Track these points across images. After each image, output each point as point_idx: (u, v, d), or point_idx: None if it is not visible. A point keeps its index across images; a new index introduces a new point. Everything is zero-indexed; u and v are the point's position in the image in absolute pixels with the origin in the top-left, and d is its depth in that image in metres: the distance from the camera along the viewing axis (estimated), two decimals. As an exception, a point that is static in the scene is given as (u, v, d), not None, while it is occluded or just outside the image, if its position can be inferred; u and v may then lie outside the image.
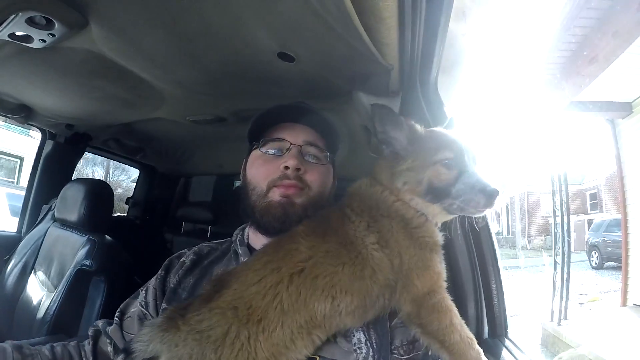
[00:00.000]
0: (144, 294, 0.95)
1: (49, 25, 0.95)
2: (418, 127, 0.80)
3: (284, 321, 0.68)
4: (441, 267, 0.76)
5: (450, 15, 0.84)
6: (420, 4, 0.76)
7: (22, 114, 1.68)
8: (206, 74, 1.18)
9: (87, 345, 0.89)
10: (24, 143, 10.67)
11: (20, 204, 2.20)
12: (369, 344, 0.74)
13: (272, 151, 0.92)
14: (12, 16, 0.90)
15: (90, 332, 0.91)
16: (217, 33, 0.93)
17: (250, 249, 0.92)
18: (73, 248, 1.67)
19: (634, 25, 3.80)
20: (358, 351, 0.73)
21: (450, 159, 0.75)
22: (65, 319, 1.49)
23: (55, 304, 1.52)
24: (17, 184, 9.80)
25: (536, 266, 10.90)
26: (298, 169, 0.88)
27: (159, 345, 0.69)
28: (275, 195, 0.87)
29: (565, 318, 5.34)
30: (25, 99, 1.59)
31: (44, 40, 1.02)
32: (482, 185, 0.72)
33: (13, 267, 1.85)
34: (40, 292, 1.70)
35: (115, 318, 0.92)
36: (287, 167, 0.87)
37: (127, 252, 1.83)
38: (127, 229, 2.26)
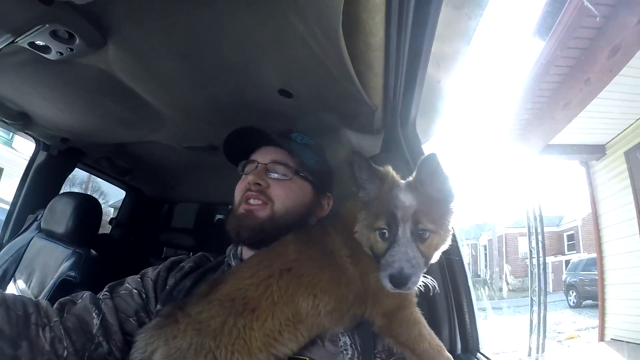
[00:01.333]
0: (140, 282, 0.99)
1: (70, 40, 1.02)
2: (388, 181, 0.80)
3: (274, 312, 0.76)
4: None
5: (427, 65, 1.00)
6: (403, 56, 0.92)
7: (21, 122, 1.71)
8: (210, 102, 1.29)
9: (50, 307, 0.86)
10: (5, 155, 10.46)
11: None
12: (354, 347, 0.83)
13: (246, 171, 1.06)
14: (39, 27, 0.95)
15: (62, 300, 0.90)
16: (229, 68, 1.06)
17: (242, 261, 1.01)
18: (57, 259, 1.69)
19: (604, 73, 4.12)
20: (344, 353, 0.82)
21: (385, 231, 0.76)
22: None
23: None
24: (-4, 195, 9.50)
25: (515, 307, 11.02)
26: (259, 184, 0.99)
27: (156, 341, 0.74)
28: (242, 209, 1.00)
29: (542, 354, 5.40)
30: (27, 107, 1.63)
31: (61, 53, 1.08)
32: (392, 270, 0.72)
33: (-8, 273, 1.84)
34: (18, 303, 1.70)
35: (105, 293, 0.93)
36: (249, 183, 1.00)
37: (110, 268, 1.86)
38: (111, 247, 2.27)
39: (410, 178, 0.82)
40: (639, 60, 3.90)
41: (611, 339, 5.74)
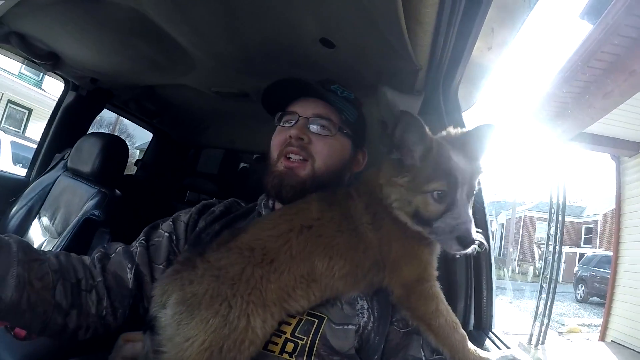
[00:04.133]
0: (172, 226, 0.99)
1: None
2: (436, 144, 0.77)
3: (291, 267, 0.76)
4: (430, 258, 0.81)
5: (481, 28, 0.92)
6: (457, 14, 0.85)
7: (51, 62, 1.71)
8: (244, 49, 1.24)
9: (92, 264, 0.87)
10: (35, 96, 10.70)
11: (24, 154, 2.24)
12: (370, 312, 0.82)
13: (285, 123, 1.00)
14: None
15: (97, 254, 0.90)
16: (266, 13, 1.00)
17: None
18: (82, 198, 1.74)
19: None
20: (360, 316, 0.81)
21: (443, 192, 0.74)
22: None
23: (58, 249, 1.57)
24: (22, 134, 9.84)
25: (521, 290, 11.06)
26: (301, 139, 0.94)
27: (171, 287, 0.74)
28: (281, 165, 0.95)
29: (543, 343, 5.47)
30: (57, 47, 1.63)
31: None
32: (461, 232, 0.72)
33: (17, 210, 1.91)
34: (42, 237, 1.77)
35: (141, 242, 0.94)
36: (290, 137, 0.94)
37: (133, 209, 1.90)
38: (135, 188, 2.32)
39: (456, 134, 0.81)
40: None
41: (611, 340, 5.73)
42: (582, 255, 13.00)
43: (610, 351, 5.34)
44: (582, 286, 10.76)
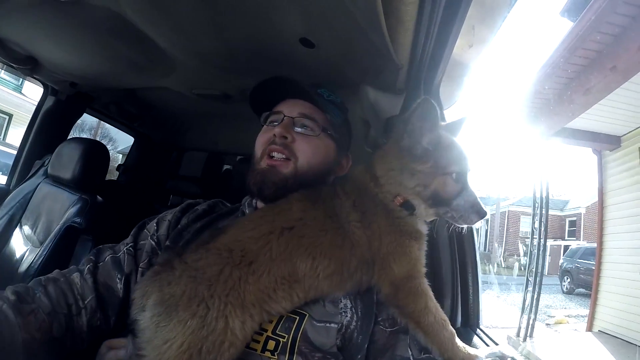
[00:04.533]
0: (155, 227, 1.00)
1: None
2: (443, 131, 0.84)
3: (271, 268, 0.75)
4: (420, 254, 0.82)
5: (462, 27, 0.92)
6: (438, 13, 0.85)
7: (29, 66, 1.67)
8: (225, 49, 1.23)
9: (83, 280, 0.87)
10: (15, 101, 10.44)
11: (4, 160, 2.19)
12: (353, 310, 0.81)
13: (270, 123, 1.00)
14: None
15: (87, 266, 0.90)
16: (247, 11, 0.99)
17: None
18: (63, 205, 1.69)
19: (632, 64, 4.01)
20: (343, 314, 0.80)
21: (458, 173, 0.81)
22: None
23: (40, 259, 1.53)
24: (3, 140, 9.59)
25: (508, 284, 11.23)
26: (285, 137, 0.94)
27: (150, 288, 0.73)
28: (264, 163, 0.95)
29: (531, 335, 5.56)
30: (35, 51, 1.59)
31: None
32: (479, 206, 0.81)
33: (-2, 219, 1.86)
34: (24, 247, 1.71)
35: (129, 249, 0.95)
36: (275, 135, 0.95)
37: (116, 215, 1.86)
38: (117, 193, 2.27)
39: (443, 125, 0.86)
40: None
41: (599, 330, 5.86)
42: (566, 247, 13.27)
43: (598, 341, 5.44)
44: (567, 278, 10.96)
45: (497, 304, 8.96)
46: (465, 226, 0.85)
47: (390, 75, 1.04)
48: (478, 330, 1.08)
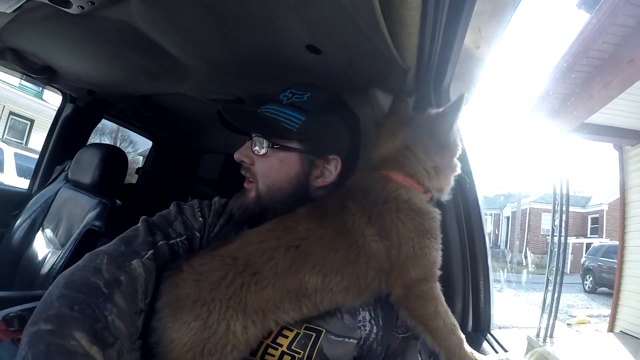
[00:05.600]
0: (202, 223, 0.93)
1: None
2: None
3: (275, 282, 0.74)
4: (437, 256, 0.81)
5: (468, 28, 0.92)
6: (441, 15, 0.84)
7: (46, 75, 1.73)
8: (235, 55, 1.24)
9: (147, 271, 0.74)
10: (36, 107, 10.77)
11: (27, 165, 2.26)
12: (373, 322, 0.80)
13: None
14: None
15: (148, 250, 0.78)
16: (254, 19, 1.00)
17: None
18: (83, 209, 1.74)
19: None
20: (362, 328, 0.79)
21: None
22: (70, 276, 1.57)
23: (62, 261, 1.59)
24: (25, 145, 9.93)
25: (529, 283, 10.99)
26: (243, 161, 0.91)
27: (162, 288, 0.75)
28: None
29: (551, 336, 5.40)
30: (51, 61, 1.64)
31: (82, 7, 1.05)
32: None
33: (21, 222, 1.93)
34: (46, 249, 1.77)
35: (183, 241, 0.86)
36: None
37: (135, 218, 1.90)
38: (136, 196, 2.33)
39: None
40: None
41: (620, 331, 5.66)
42: (589, 245, 12.82)
43: (619, 342, 5.27)
44: (589, 277, 10.65)
45: (517, 303, 8.78)
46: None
47: (398, 79, 1.04)
48: (489, 335, 1.07)
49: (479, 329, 1.09)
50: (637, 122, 5.37)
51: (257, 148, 0.89)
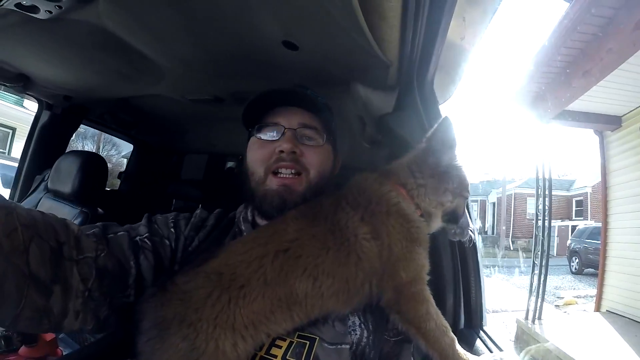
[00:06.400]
0: (174, 235, 0.87)
1: None
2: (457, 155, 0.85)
3: (265, 292, 0.71)
4: (425, 261, 0.79)
5: (451, 19, 0.87)
6: (423, 6, 0.79)
7: (21, 83, 1.65)
8: (209, 53, 1.19)
9: (85, 237, 0.70)
10: (17, 115, 10.44)
11: (11, 174, 2.17)
12: (363, 327, 0.78)
13: (267, 136, 0.90)
14: None
15: (93, 229, 0.75)
16: (225, 16, 0.94)
17: (255, 226, 0.91)
18: (65, 219, 1.68)
19: (628, 45, 3.94)
20: (352, 333, 0.77)
21: (467, 198, 0.87)
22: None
23: None
24: (8, 154, 9.62)
25: (516, 267, 11.17)
26: (294, 152, 0.87)
27: (146, 307, 0.71)
28: (273, 183, 0.87)
29: (539, 318, 5.52)
30: (25, 68, 1.57)
31: (50, 12, 1.01)
32: (471, 226, 0.90)
33: (3, 235, 1.85)
34: (29, 263, 1.71)
35: (145, 237, 0.81)
36: (282, 151, 0.86)
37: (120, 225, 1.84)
38: (118, 203, 2.25)
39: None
40: None
41: (607, 310, 5.79)
42: (574, 228, 13.00)
43: (606, 321, 5.38)
44: (575, 258, 10.86)
45: (506, 288, 8.92)
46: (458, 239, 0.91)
47: (380, 73, 0.99)
48: (481, 332, 1.04)
49: (471, 326, 1.06)
50: (617, 108, 5.47)
51: (309, 139, 0.91)
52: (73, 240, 0.67)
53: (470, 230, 0.90)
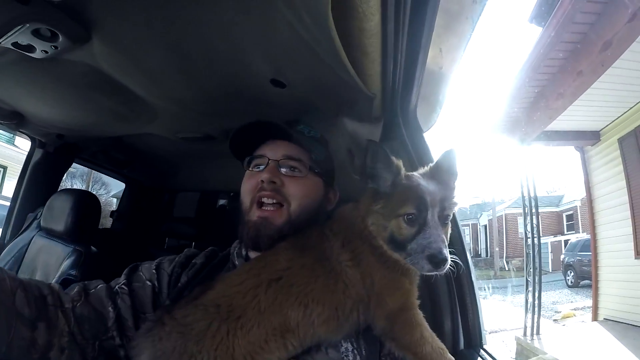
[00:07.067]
0: (155, 274, 0.92)
1: (53, 37, 0.96)
2: (403, 171, 0.79)
3: (260, 321, 0.72)
4: (411, 287, 0.79)
5: (429, 49, 0.91)
6: (402, 41, 0.83)
7: (15, 121, 1.65)
8: (201, 93, 1.21)
9: (64, 294, 0.80)
10: (8, 153, 10.32)
11: (3, 213, 2.13)
12: (356, 352, 0.78)
13: (255, 168, 0.95)
14: (19, 27, 0.90)
15: (75, 287, 0.83)
16: (216, 56, 0.97)
17: (248, 260, 0.93)
18: (58, 258, 1.64)
19: (597, 66, 4.16)
20: (345, 359, 0.77)
21: (413, 215, 0.74)
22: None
23: None
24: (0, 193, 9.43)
25: (513, 286, 11.07)
26: (274, 182, 0.89)
27: (144, 344, 0.72)
28: (255, 215, 0.90)
29: (537, 333, 5.54)
30: (19, 106, 1.57)
31: (46, 52, 1.03)
32: (432, 251, 0.71)
33: (-6, 274, 1.79)
34: (21, 302, 1.66)
35: (122, 285, 0.87)
36: (262, 181, 0.89)
37: (112, 264, 1.80)
38: (112, 241, 2.22)
39: (426, 169, 0.83)
40: (631, 54, 3.91)
41: (604, 318, 5.82)
42: (567, 242, 13.02)
43: (604, 328, 5.42)
44: (570, 272, 10.81)
45: (503, 307, 8.84)
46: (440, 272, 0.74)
47: (364, 106, 1.02)
48: (482, 351, 1.03)
49: (471, 346, 1.05)
50: (595, 123, 5.66)
51: (292, 169, 0.92)
52: (55, 294, 0.78)
53: (435, 256, 0.71)
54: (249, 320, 0.72)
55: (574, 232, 15.52)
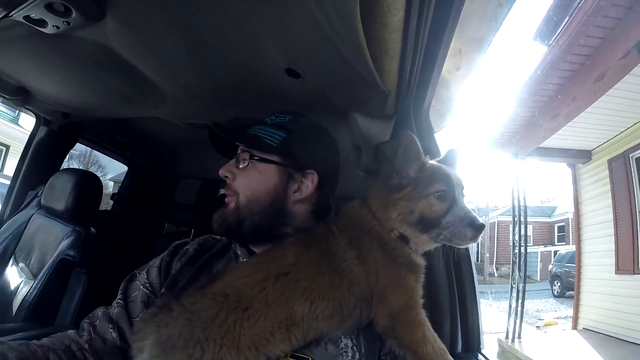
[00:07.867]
0: (145, 276, 0.93)
1: (66, 13, 0.92)
2: (427, 157, 0.81)
3: (267, 314, 0.72)
4: (416, 285, 0.78)
5: (448, 50, 0.88)
6: (422, 39, 0.80)
7: (20, 97, 1.60)
8: (212, 80, 1.17)
9: (79, 337, 0.84)
10: (12, 132, 10.19)
11: (3, 191, 2.08)
12: (355, 349, 0.77)
13: None
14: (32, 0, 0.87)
15: (84, 323, 0.87)
16: (231, 44, 0.94)
17: (250, 251, 0.92)
18: (57, 237, 1.60)
19: (590, 94, 4.44)
20: (344, 355, 0.76)
21: (443, 192, 0.77)
22: (43, 308, 1.43)
23: (35, 292, 1.45)
24: (1, 171, 9.30)
25: (500, 292, 11.15)
26: (226, 177, 0.93)
27: (148, 329, 0.72)
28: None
29: (519, 337, 5.71)
30: (26, 82, 1.53)
31: (57, 27, 0.99)
32: (471, 219, 0.75)
33: (-7, 250, 1.74)
34: (18, 279, 1.61)
35: (118, 301, 0.90)
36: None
37: (110, 246, 1.77)
38: (111, 224, 2.17)
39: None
40: (624, 84, 4.12)
41: (583, 328, 6.01)
42: (556, 253, 13.10)
43: (582, 337, 5.61)
44: (557, 282, 10.92)
45: (489, 312, 8.96)
46: (462, 247, 0.79)
47: (378, 102, 0.98)
48: (480, 355, 1.01)
49: (469, 350, 1.03)
50: (587, 143, 5.84)
51: (240, 162, 0.91)
52: (74, 340, 0.83)
53: (476, 221, 0.75)
54: (256, 312, 0.72)
55: (564, 243, 15.62)
